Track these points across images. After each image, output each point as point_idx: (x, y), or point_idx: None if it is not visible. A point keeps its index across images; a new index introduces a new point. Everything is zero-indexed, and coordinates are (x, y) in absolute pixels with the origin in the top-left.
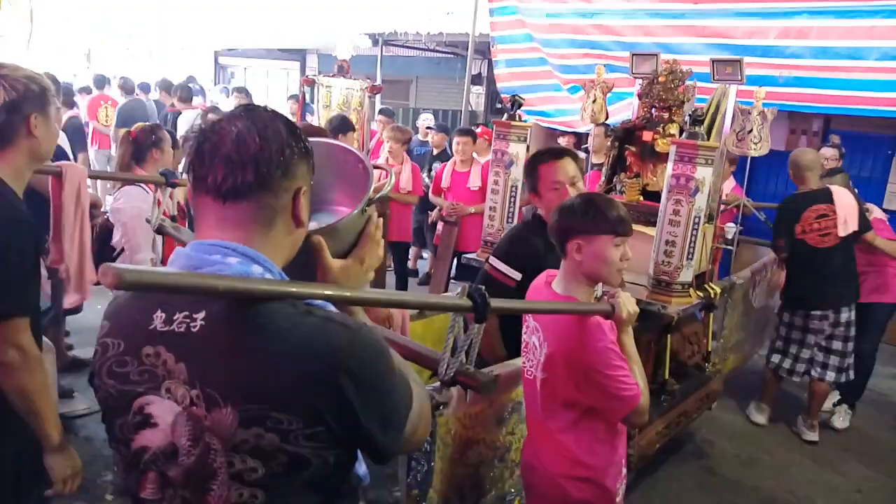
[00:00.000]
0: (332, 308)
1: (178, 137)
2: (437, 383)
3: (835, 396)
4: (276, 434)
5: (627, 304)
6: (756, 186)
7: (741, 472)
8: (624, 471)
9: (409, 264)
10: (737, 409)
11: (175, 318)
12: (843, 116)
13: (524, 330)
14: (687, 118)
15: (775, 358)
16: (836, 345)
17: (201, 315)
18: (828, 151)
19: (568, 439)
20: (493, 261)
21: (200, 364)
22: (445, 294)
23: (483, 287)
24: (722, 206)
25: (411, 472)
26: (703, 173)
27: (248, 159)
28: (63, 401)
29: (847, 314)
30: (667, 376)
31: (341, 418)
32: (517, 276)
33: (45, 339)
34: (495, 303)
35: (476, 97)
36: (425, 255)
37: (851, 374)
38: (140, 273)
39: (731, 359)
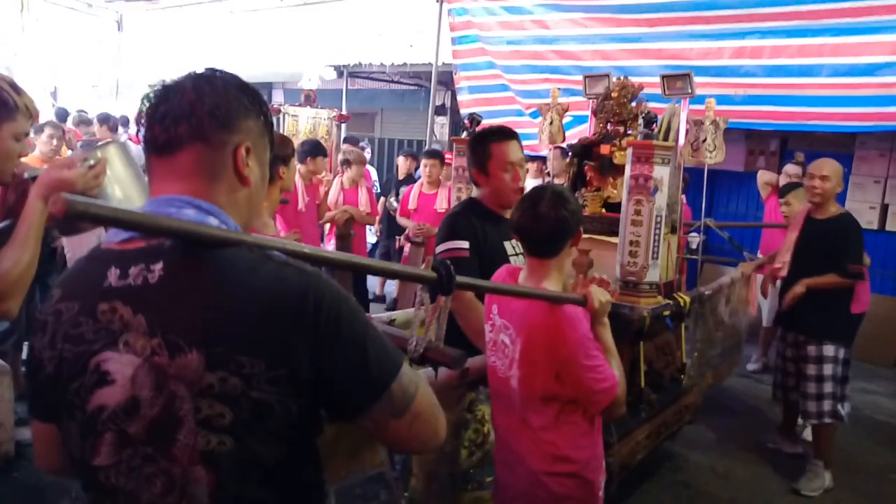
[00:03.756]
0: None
1: None
2: None
3: None
4: (239, 378)
5: (599, 294)
6: (717, 207)
7: (717, 484)
8: (604, 463)
9: (377, 290)
10: (709, 426)
11: (130, 272)
12: (800, 136)
13: (489, 328)
14: (641, 120)
15: (841, 407)
16: None
17: (159, 266)
18: (791, 168)
19: (550, 435)
20: (438, 248)
21: (160, 313)
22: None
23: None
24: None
25: (394, 463)
26: (661, 172)
27: (182, 113)
28: (19, 428)
29: None
30: (642, 385)
31: (302, 360)
32: (465, 244)
33: (0, 361)
34: (461, 279)
35: (440, 127)
36: (391, 282)
37: None
38: (89, 204)
39: (707, 375)
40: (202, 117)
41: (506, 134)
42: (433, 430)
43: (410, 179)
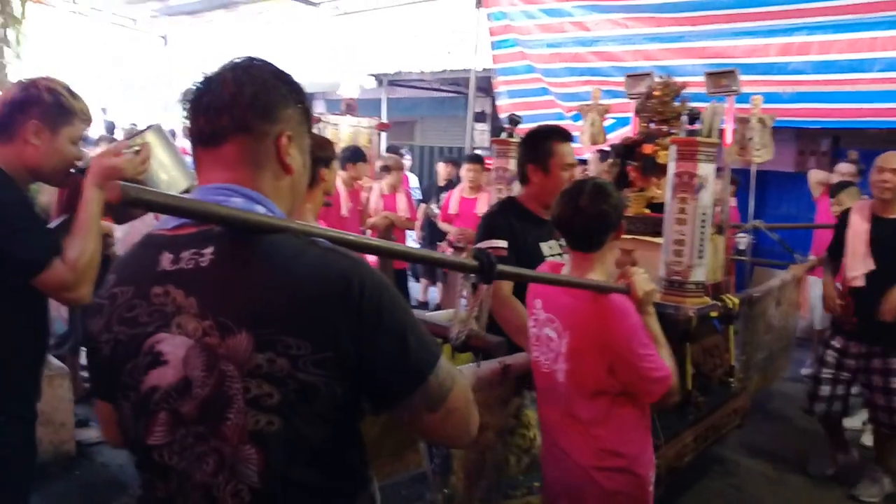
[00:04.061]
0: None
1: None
2: None
3: (864, 415)
4: (286, 359)
5: (643, 284)
6: (767, 209)
7: (769, 489)
8: (654, 458)
9: (420, 296)
10: (761, 428)
11: (182, 256)
12: (852, 134)
13: (532, 323)
14: (685, 117)
15: None
16: None
17: (209, 250)
18: (844, 167)
19: (599, 429)
20: (476, 246)
21: (211, 295)
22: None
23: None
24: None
25: (433, 457)
26: (706, 170)
27: (224, 105)
28: (79, 429)
29: None
30: (689, 387)
31: (346, 344)
32: (503, 243)
33: (59, 363)
34: (503, 268)
35: (480, 133)
36: (434, 288)
37: None
38: (143, 190)
39: (755, 378)
40: (244, 108)
41: (566, 135)
42: (466, 427)
43: (451, 186)
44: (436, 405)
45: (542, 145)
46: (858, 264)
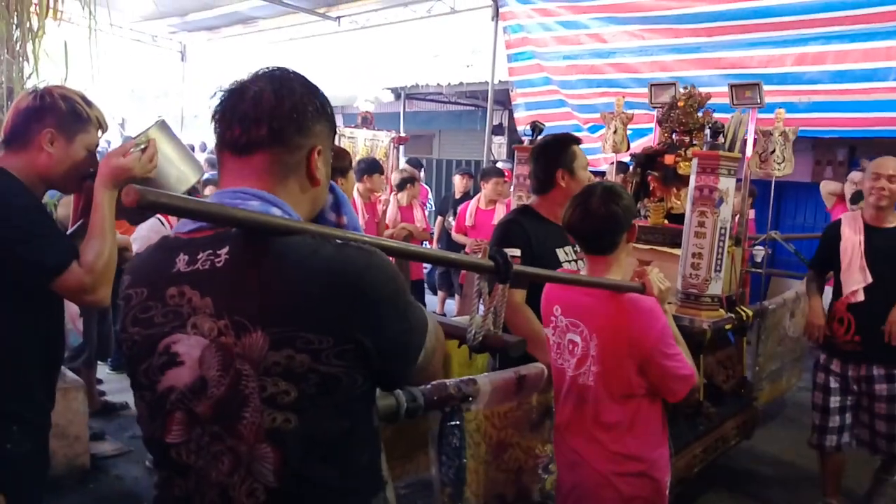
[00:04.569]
0: None
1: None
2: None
3: None
4: (307, 354)
5: (658, 281)
6: (784, 219)
7: (786, 498)
8: (670, 463)
9: (437, 308)
10: (775, 438)
11: (198, 257)
12: (868, 144)
13: (551, 332)
14: (707, 131)
15: None
16: None
17: (225, 250)
18: (857, 176)
19: (624, 434)
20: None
21: (227, 295)
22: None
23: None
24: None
25: (442, 465)
26: (727, 184)
27: (263, 115)
28: (93, 443)
29: None
30: (700, 398)
31: (368, 333)
32: (516, 251)
33: (73, 376)
34: (519, 268)
35: (498, 147)
36: (451, 301)
37: None
38: (160, 194)
39: (767, 389)
40: (283, 122)
41: (578, 140)
42: (438, 370)
43: (467, 198)
44: (423, 368)
45: (566, 150)
46: (857, 278)
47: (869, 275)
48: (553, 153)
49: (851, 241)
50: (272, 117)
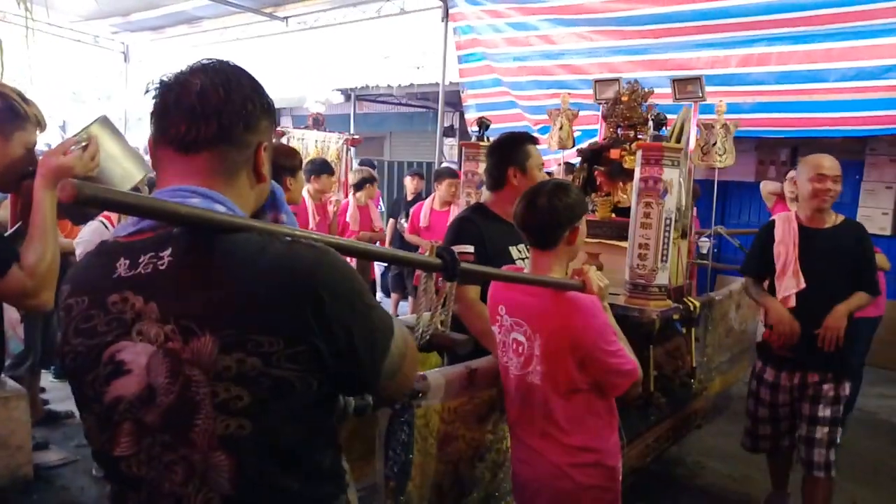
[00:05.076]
0: None
1: None
2: None
3: None
4: (258, 357)
5: (597, 279)
6: (728, 217)
7: (735, 489)
8: (620, 450)
9: (391, 310)
10: (724, 431)
11: (140, 261)
12: (810, 145)
13: (497, 329)
14: (650, 123)
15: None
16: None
17: (167, 252)
18: (795, 174)
19: (574, 427)
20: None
21: (172, 299)
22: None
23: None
24: (695, 235)
25: (389, 461)
26: (671, 174)
27: (211, 112)
28: (37, 452)
29: None
30: (651, 389)
31: (322, 335)
32: (470, 248)
33: (15, 384)
34: (466, 265)
35: (449, 148)
36: (405, 303)
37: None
38: (98, 188)
39: (717, 380)
40: (233, 119)
41: (535, 139)
42: (411, 382)
43: (419, 199)
44: (392, 375)
45: (519, 148)
46: (791, 283)
47: (802, 280)
48: (507, 150)
49: (785, 243)
50: (220, 114)
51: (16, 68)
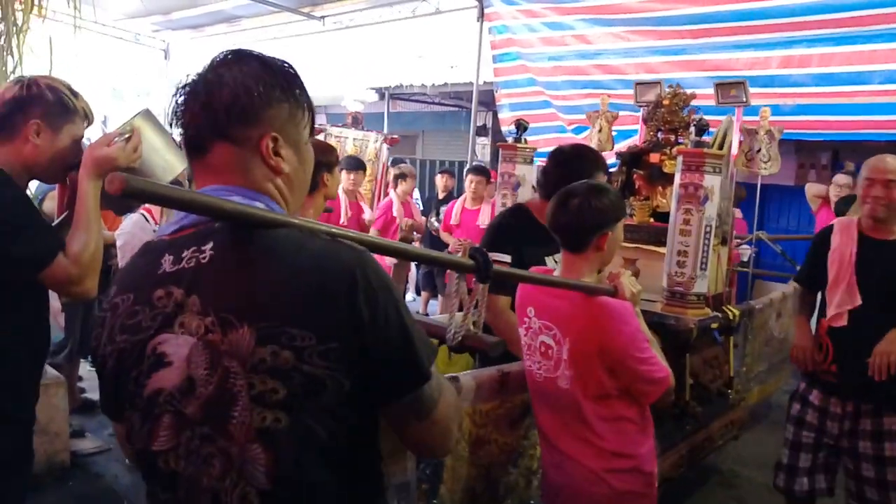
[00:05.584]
0: None
1: None
2: None
3: None
4: (290, 351)
5: (630, 285)
6: (768, 222)
7: (770, 499)
8: (656, 456)
9: (420, 308)
10: (762, 440)
11: (183, 255)
12: (851, 148)
13: (523, 332)
14: (692, 128)
15: None
16: None
17: (209, 246)
18: (841, 179)
19: (608, 432)
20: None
21: (213, 291)
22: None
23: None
24: (736, 241)
25: (420, 462)
26: (712, 181)
27: (199, 111)
28: (74, 440)
29: None
30: (687, 398)
31: (350, 335)
32: (506, 258)
33: (55, 372)
34: (498, 267)
35: (482, 148)
36: (434, 302)
37: None
38: (145, 182)
39: (755, 390)
40: (219, 114)
41: (607, 168)
42: (446, 440)
43: (451, 197)
44: (423, 415)
45: (594, 172)
46: (844, 298)
47: (858, 296)
48: (582, 167)
49: (841, 252)
50: (209, 112)
51: (61, 64)
